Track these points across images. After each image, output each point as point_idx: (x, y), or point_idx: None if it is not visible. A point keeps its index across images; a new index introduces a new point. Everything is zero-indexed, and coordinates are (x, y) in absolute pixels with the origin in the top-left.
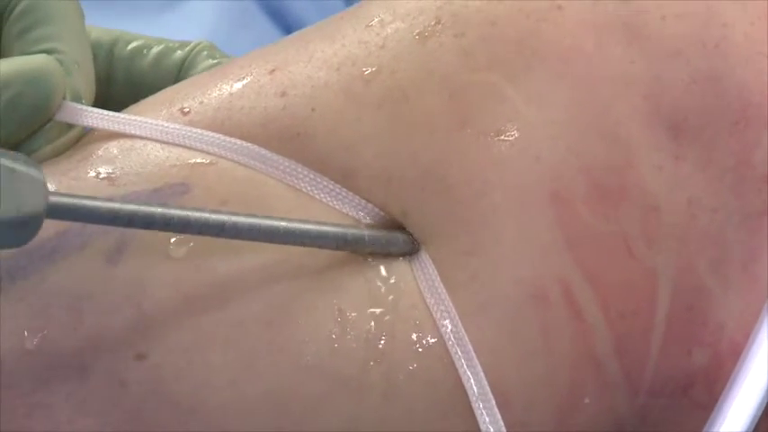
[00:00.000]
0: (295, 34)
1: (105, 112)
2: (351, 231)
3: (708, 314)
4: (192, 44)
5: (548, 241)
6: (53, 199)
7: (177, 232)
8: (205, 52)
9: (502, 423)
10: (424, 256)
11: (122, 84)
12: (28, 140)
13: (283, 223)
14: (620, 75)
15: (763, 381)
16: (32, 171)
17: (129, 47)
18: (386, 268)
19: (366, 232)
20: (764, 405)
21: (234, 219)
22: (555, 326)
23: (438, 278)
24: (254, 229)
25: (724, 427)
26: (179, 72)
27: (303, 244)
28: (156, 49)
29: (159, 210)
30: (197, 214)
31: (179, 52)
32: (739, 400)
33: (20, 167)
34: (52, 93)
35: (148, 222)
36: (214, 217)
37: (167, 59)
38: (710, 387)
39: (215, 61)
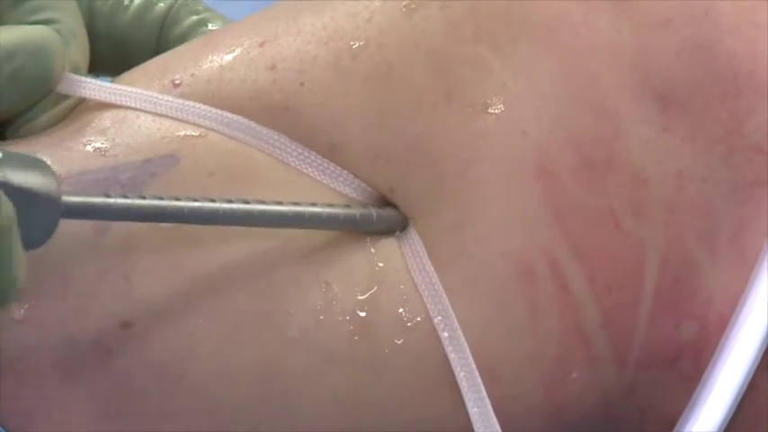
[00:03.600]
0: (287, 1)
1: (101, 83)
2: (360, 212)
3: (696, 287)
4: None
5: (534, 214)
6: (66, 199)
7: (190, 223)
8: (187, 6)
9: (487, 399)
10: (412, 232)
11: (104, 39)
12: (26, 111)
13: (293, 208)
14: (607, 45)
15: (750, 353)
16: (46, 179)
17: (110, 1)
18: (374, 244)
19: (374, 211)
20: (750, 377)
21: (245, 207)
22: (542, 300)
23: (425, 255)
24: (267, 217)
25: (710, 399)
26: (161, 27)
27: (314, 227)
28: (137, 2)
29: (172, 203)
30: (211, 205)
31: (161, 5)
32: (725, 373)
33: (32, 179)
34: (55, 65)
35: (158, 216)
36: (224, 206)
37: (149, 14)
38: (698, 360)
39: (199, 17)
